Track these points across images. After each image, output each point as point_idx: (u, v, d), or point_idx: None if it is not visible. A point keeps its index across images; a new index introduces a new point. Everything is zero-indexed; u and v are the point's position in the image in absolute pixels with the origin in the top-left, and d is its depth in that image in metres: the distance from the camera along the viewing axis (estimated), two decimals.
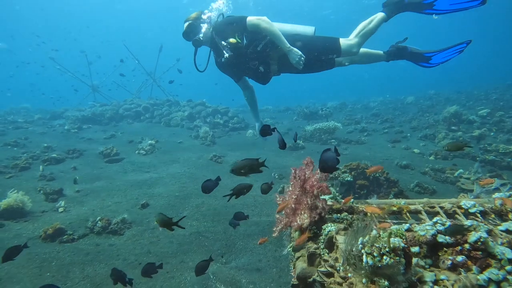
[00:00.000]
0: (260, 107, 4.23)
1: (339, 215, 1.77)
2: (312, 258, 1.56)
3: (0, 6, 35.39)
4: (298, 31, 4.00)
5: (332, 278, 1.27)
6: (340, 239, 1.47)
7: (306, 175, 1.95)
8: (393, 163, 6.69)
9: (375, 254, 1.10)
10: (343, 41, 3.91)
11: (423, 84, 28.55)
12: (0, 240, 3.90)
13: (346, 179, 4.69)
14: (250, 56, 3.87)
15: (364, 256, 1.13)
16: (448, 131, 9.03)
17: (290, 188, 1.88)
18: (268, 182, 3.38)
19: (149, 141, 8.47)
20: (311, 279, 1.46)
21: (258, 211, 4.81)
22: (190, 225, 4.32)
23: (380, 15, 3.99)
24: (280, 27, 3.86)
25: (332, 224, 1.60)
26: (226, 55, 3.78)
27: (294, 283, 1.59)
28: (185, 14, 4.15)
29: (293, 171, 2.03)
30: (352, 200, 1.95)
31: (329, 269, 1.28)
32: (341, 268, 1.29)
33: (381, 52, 4.11)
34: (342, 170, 4.87)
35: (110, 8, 38.09)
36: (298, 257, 1.67)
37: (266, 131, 3.00)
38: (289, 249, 1.88)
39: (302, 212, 1.73)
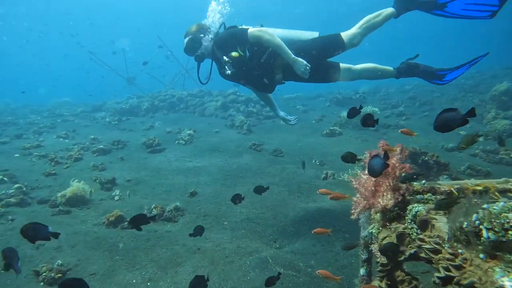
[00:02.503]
0: (290, 95, 4.30)
1: (422, 195, 1.85)
2: (401, 238, 1.66)
3: None
4: (301, 37, 4.00)
5: (440, 255, 1.36)
6: (436, 218, 1.55)
7: None
8: (438, 147, 6.62)
9: (496, 229, 1.19)
10: (345, 34, 3.94)
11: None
12: (70, 225, 4.25)
13: None
14: (254, 68, 3.91)
15: (484, 232, 1.21)
16: (498, 110, 8.67)
17: (366, 171, 1.97)
18: (264, 186, 3.63)
19: (188, 131, 8.73)
20: (402, 258, 1.57)
21: (304, 197, 4.93)
22: (240, 212, 4.51)
23: (389, 10, 3.98)
24: (282, 34, 3.90)
25: (418, 205, 1.68)
26: (228, 72, 3.86)
27: (383, 262, 1.70)
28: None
29: (368, 154, 2.12)
30: (424, 181, 2.02)
31: (436, 246, 1.37)
32: (446, 245, 1.37)
33: (391, 68, 4.07)
34: None
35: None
36: (384, 238, 1.77)
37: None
38: (371, 231, 1.97)
39: (385, 194, 1.83)
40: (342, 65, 4.03)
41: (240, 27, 4.00)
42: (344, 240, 3.76)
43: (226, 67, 3.84)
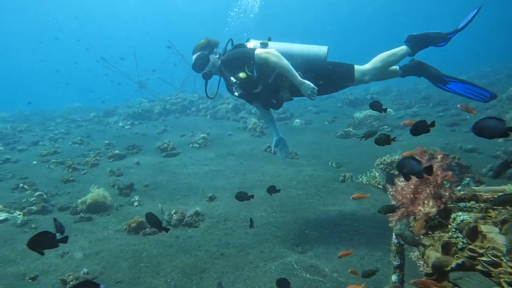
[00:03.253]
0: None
1: (466, 203, 1.80)
2: (447, 247, 1.62)
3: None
4: (310, 52, 3.93)
5: (501, 268, 1.32)
6: (486, 228, 1.52)
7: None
8: (456, 147, 6.52)
9: None
10: (358, 70, 3.89)
11: (469, 63, 26.91)
12: (92, 232, 4.28)
13: None
14: (262, 88, 3.89)
15: None
16: None
17: (403, 178, 1.93)
18: (276, 187, 3.62)
19: (201, 135, 8.74)
20: (449, 268, 1.53)
21: (323, 200, 4.89)
22: (260, 217, 4.48)
23: (404, 49, 3.95)
24: (289, 49, 3.87)
25: (463, 213, 1.64)
26: (236, 94, 3.87)
27: (428, 272, 1.67)
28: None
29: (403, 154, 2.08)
30: (459, 188, 1.98)
31: (494, 258, 1.34)
32: (505, 258, 1.33)
33: (397, 67, 4.04)
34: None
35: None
36: (427, 246, 1.74)
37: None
38: None
39: (426, 202, 1.79)
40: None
41: (247, 43, 4.01)
42: (367, 244, 3.72)
43: (233, 88, 3.88)
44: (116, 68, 15.55)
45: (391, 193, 2.13)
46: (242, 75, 3.70)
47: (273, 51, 3.59)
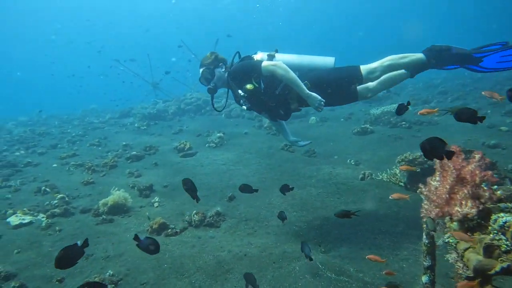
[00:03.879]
0: None
1: (508, 204, 1.74)
2: (489, 250, 1.57)
3: None
4: (316, 64, 3.92)
5: None
6: None
7: (459, 164, 1.92)
8: (479, 143, 6.37)
9: None
10: (364, 67, 3.85)
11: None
12: (115, 234, 4.32)
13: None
14: (269, 100, 3.89)
15: None
16: None
17: (437, 178, 1.88)
18: (289, 186, 3.61)
19: (217, 134, 8.75)
20: (493, 271, 1.48)
21: (344, 199, 4.83)
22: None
23: (419, 55, 3.86)
24: (297, 60, 3.87)
25: (505, 214, 1.59)
26: (244, 107, 3.91)
27: (470, 275, 1.62)
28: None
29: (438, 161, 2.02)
30: (495, 187, 1.92)
31: None
32: None
33: (403, 70, 3.95)
34: None
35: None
36: (466, 248, 1.68)
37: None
38: (448, 240, 1.88)
39: (463, 202, 1.74)
40: (359, 86, 3.93)
41: (254, 55, 4.00)
42: (391, 243, 3.65)
43: (241, 101, 3.90)
44: (129, 69, 15.67)
45: (424, 193, 2.07)
46: (249, 86, 3.70)
47: (279, 63, 3.57)
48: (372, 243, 3.69)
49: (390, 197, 3.37)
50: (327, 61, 3.95)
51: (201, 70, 4.00)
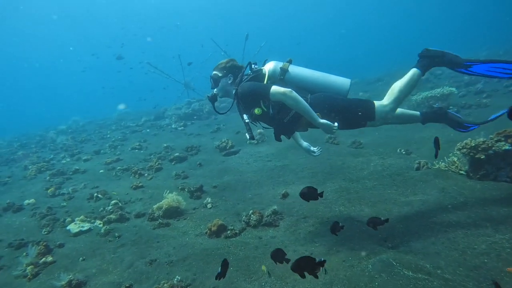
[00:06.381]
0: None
1: None
2: None
3: None
4: (331, 85, 3.70)
5: None
6: None
7: None
8: None
9: None
10: (378, 106, 3.64)
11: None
12: (173, 238, 4.32)
13: (503, 148, 4.24)
14: (277, 125, 3.76)
15: None
16: None
17: None
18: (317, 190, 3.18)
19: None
20: None
21: (402, 190, 4.60)
22: (340, 211, 4.31)
23: (415, 73, 3.72)
24: (310, 77, 3.68)
25: None
26: (247, 135, 3.73)
27: None
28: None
29: None
30: None
31: None
32: None
33: (417, 113, 3.91)
34: (495, 139, 4.41)
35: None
36: None
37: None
38: None
39: None
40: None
41: (265, 65, 3.83)
42: (466, 236, 3.40)
43: (245, 129, 3.72)
44: (161, 71, 15.84)
45: None
46: (257, 111, 3.55)
47: (289, 92, 3.33)
48: (444, 237, 3.46)
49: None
50: (343, 83, 3.71)
51: (212, 73, 3.92)
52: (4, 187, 8.25)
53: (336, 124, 3.42)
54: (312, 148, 4.50)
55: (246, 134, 3.77)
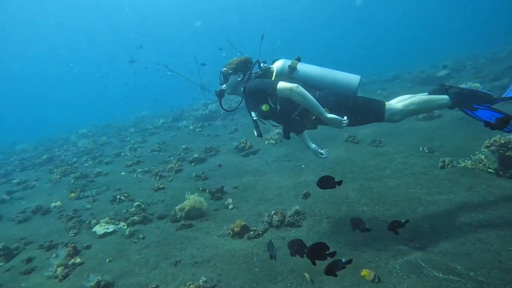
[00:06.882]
0: (365, 79, 3.98)
1: None
2: None
3: None
4: (340, 82, 3.65)
5: None
6: None
7: None
8: None
9: None
10: (389, 110, 3.61)
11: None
12: (197, 239, 4.35)
13: None
14: (285, 122, 3.76)
15: None
16: None
17: None
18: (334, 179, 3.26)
19: (276, 130, 8.63)
20: None
21: (427, 189, 4.51)
22: (363, 211, 4.26)
23: (446, 101, 3.68)
24: (319, 74, 3.65)
25: None
26: (255, 132, 3.77)
27: None
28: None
29: None
30: None
31: None
32: None
33: (446, 97, 3.78)
34: None
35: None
36: None
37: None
38: None
39: None
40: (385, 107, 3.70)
41: (274, 63, 3.83)
42: (498, 237, 3.30)
43: (254, 125, 3.77)
44: (177, 73, 15.99)
45: None
46: (264, 108, 3.56)
47: (295, 87, 3.31)
48: (475, 237, 3.37)
49: None
50: (352, 80, 3.65)
51: (223, 69, 3.94)
52: (32, 190, 8.51)
53: (345, 118, 3.39)
54: (320, 150, 4.49)
55: (254, 131, 3.82)
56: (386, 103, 3.65)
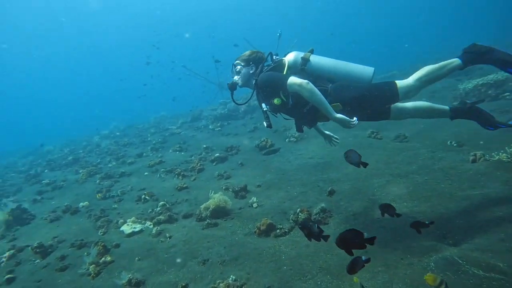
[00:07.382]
0: (385, 73, 3.87)
1: None
2: None
3: None
4: (353, 74, 3.60)
5: None
6: None
7: None
8: None
9: None
10: (400, 85, 3.51)
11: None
12: (223, 237, 4.36)
13: None
14: (296, 116, 3.75)
15: None
16: None
17: None
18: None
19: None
20: None
21: (458, 184, 4.38)
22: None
23: (455, 62, 3.50)
24: (332, 67, 3.60)
25: None
26: (265, 124, 3.74)
27: None
28: None
29: None
30: None
31: None
32: None
33: (446, 108, 3.68)
34: None
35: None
36: None
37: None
38: None
39: None
40: (392, 106, 3.61)
41: (286, 56, 3.81)
42: None
43: (263, 116, 3.72)
44: (195, 73, 16.11)
45: None
46: (276, 101, 3.54)
47: (305, 83, 3.28)
48: None
49: None
50: (365, 72, 3.60)
51: (235, 61, 3.96)
52: (60, 191, 8.77)
53: (355, 118, 3.36)
54: (335, 136, 4.65)
55: (264, 122, 3.81)
56: (396, 82, 3.59)
